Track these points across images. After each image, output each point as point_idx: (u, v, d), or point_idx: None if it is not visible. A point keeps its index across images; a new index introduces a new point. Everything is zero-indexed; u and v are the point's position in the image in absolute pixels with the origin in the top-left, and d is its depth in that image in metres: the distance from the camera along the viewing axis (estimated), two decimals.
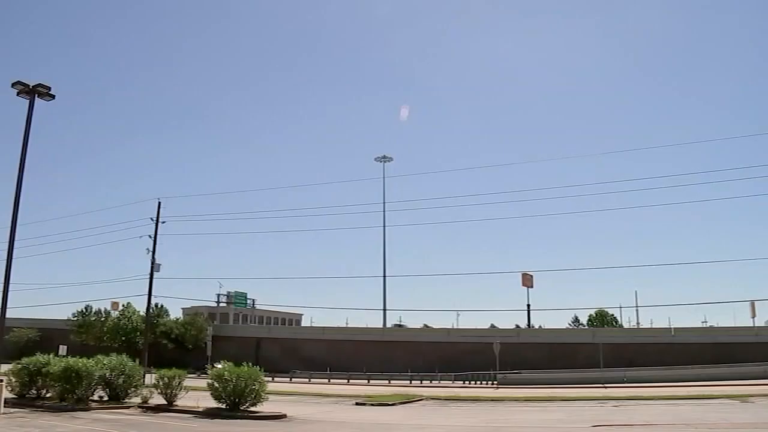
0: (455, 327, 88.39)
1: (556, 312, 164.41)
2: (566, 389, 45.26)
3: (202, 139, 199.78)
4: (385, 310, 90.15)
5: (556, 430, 23.25)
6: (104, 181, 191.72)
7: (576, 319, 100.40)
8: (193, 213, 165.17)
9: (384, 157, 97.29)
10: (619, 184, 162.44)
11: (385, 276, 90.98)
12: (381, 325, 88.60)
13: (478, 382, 59.50)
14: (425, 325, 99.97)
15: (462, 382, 60.10)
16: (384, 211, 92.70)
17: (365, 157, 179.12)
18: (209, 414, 25.95)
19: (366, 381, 63.64)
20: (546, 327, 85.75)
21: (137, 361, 32.08)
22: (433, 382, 61.22)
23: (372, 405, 34.14)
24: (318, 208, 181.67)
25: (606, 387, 46.95)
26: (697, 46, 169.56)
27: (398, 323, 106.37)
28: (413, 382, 61.21)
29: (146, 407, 28.13)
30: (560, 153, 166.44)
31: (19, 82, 27.68)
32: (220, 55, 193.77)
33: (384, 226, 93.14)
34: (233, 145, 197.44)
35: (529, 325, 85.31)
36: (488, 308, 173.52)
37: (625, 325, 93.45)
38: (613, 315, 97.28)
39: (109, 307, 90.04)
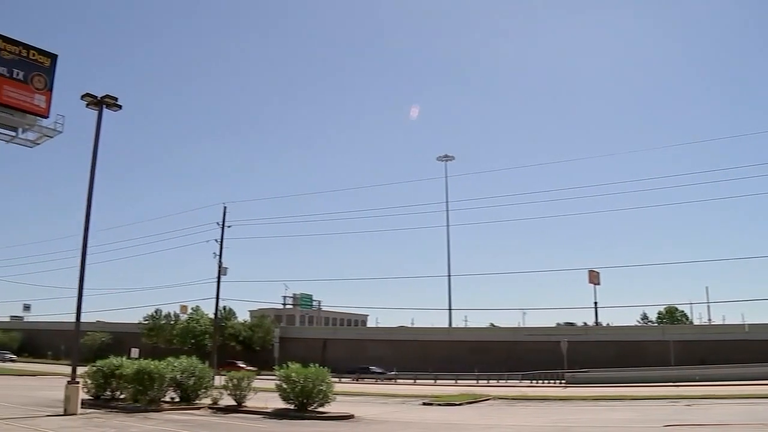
0: (522, 326, 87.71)
1: (625, 309, 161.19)
2: (636, 388, 44.38)
3: (265, 144, 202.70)
4: (450, 309, 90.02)
5: (627, 430, 22.80)
6: (171, 187, 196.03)
7: (645, 316, 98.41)
8: (258, 216, 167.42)
9: (446, 156, 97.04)
10: (688, 177, 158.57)
11: (449, 275, 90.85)
12: (446, 325, 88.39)
13: (546, 381, 58.90)
14: (491, 324, 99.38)
15: (529, 381, 59.51)
16: (447, 210, 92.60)
17: (427, 157, 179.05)
18: (278, 415, 26.20)
19: (432, 381, 63.58)
20: (614, 324, 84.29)
21: (206, 363, 32.59)
22: (500, 381, 60.79)
23: (439, 405, 34.05)
24: (381, 209, 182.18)
25: (677, 386, 45.91)
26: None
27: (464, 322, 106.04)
28: (480, 381, 60.88)
29: (216, 408, 28.53)
30: (624, 147, 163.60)
31: (87, 94, 28.42)
32: (279, 59, 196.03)
33: (447, 226, 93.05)
34: (296, 148, 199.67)
35: (596, 322, 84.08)
36: (555, 306, 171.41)
37: (696, 322, 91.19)
38: (683, 311, 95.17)
39: (178, 311, 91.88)
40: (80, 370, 27.64)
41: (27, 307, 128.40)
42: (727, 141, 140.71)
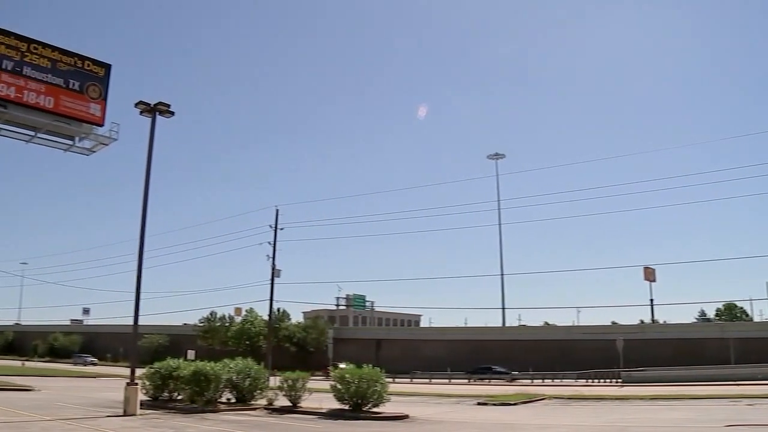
0: (576, 324, 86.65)
1: (682, 306, 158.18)
2: (694, 387, 43.52)
3: (316, 145, 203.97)
4: (504, 308, 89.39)
5: (687, 430, 22.39)
6: (224, 191, 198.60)
7: (702, 313, 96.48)
8: (310, 218, 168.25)
9: (496, 154, 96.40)
10: (746, 170, 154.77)
11: (502, 274, 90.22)
12: (500, 324, 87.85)
13: (601, 381, 58.15)
14: (545, 323, 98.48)
15: (584, 380, 58.89)
16: (499, 209, 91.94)
17: (477, 155, 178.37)
18: (332, 415, 26.33)
19: (487, 380, 63.27)
20: (671, 322, 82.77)
21: (261, 364, 32.92)
22: (555, 380, 60.23)
23: (494, 405, 33.89)
24: (433, 208, 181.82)
25: (738, 385, 44.85)
26: None
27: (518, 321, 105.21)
28: (534, 380, 60.37)
29: (272, 409, 28.80)
30: (680, 142, 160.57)
31: (141, 102, 29.01)
32: (325, 61, 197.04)
33: (500, 224, 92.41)
34: (346, 149, 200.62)
35: (653, 320, 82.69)
36: (610, 304, 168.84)
37: (756, 319, 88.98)
38: (742, 308, 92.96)
39: (232, 313, 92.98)
40: (138, 371, 28.14)
41: (86, 311, 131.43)
42: None
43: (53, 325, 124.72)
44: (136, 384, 26.67)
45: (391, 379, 32.67)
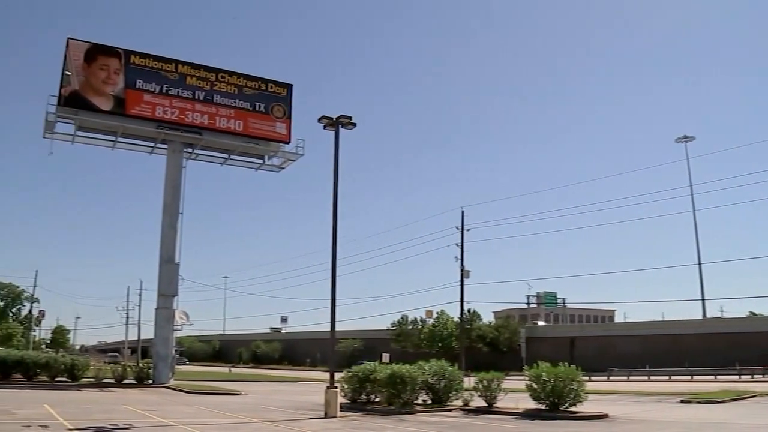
0: None
1: None
2: None
3: (497, 144, 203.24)
4: (703, 299, 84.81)
5: None
6: (410, 195, 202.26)
7: None
8: (496, 217, 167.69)
9: (685, 137, 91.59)
10: None
11: (700, 263, 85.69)
12: (700, 317, 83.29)
13: None
14: (751, 313, 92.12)
15: None
16: (692, 194, 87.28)
17: (663, 140, 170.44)
18: (529, 415, 26.01)
19: (689, 377, 60.21)
20: None
21: (455, 365, 33.10)
22: (765, 376, 56.20)
23: (698, 403, 32.12)
24: (619, 199, 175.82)
25: None
26: None
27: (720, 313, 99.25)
28: (742, 376, 56.66)
29: (467, 409, 28.85)
30: None
31: (324, 117, 30.01)
32: (504, 58, 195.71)
33: (693, 210, 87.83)
34: (524, 146, 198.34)
35: None
36: None
37: None
38: None
39: (423, 316, 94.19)
40: (336, 375, 29.10)
41: (284, 319, 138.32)
42: None
43: (254, 334, 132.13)
44: (336, 387, 27.59)
45: (586, 378, 31.87)
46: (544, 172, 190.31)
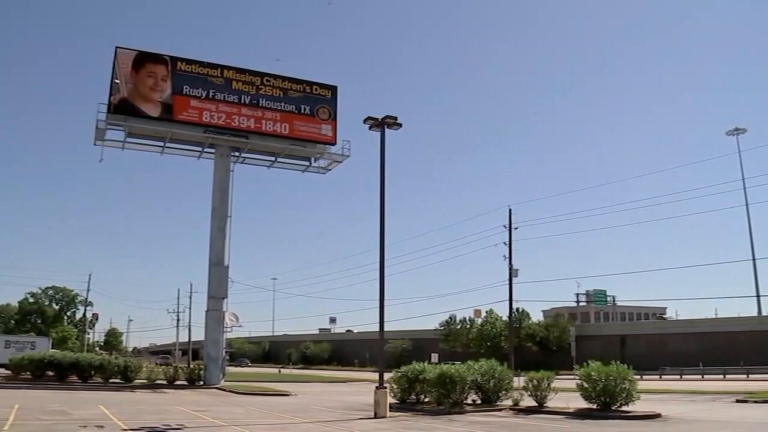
0: None
1: None
2: None
3: (544, 141, 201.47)
4: (758, 296, 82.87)
5: None
6: (456, 193, 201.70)
7: None
8: (541, 216, 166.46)
9: (736, 129, 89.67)
10: None
11: (754, 258, 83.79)
12: (755, 313, 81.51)
13: None
14: None
15: None
16: (744, 188, 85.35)
17: (714, 133, 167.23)
18: (580, 415, 25.76)
19: (744, 376, 58.94)
20: None
21: (504, 365, 32.91)
22: None
23: (755, 402, 31.44)
24: (671, 194, 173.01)
25: None
26: None
27: None
28: None
29: (517, 409, 28.65)
30: None
31: (369, 118, 30.05)
32: (542, 59, 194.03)
33: (746, 204, 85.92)
34: (574, 142, 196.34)
35: None
36: None
37: None
38: None
39: (471, 315, 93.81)
40: (385, 375, 29.13)
41: (333, 320, 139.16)
42: None
43: (303, 335, 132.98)
44: (385, 388, 27.63)
45: (638, 377, 31.42)
46: (591, 170, 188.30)
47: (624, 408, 25.67)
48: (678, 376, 62.63)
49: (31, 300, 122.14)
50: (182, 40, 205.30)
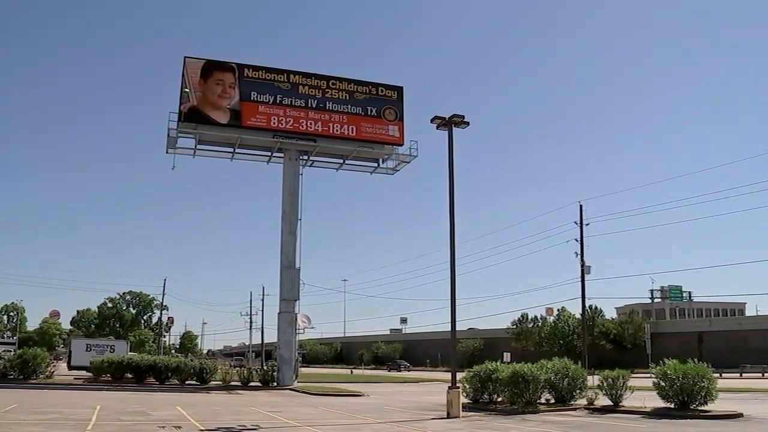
0: None
1: None
2: None
3: (613, 137, 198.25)
4: None
5: None
6: (526, 191, 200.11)
7: None
8: (613, 211, 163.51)
9: None
10: None
11: None
12: None
13: None
14: None
15: None
16: None
17: None
18: (657, 414, 25.27)
19: None
20: None
21: (578, 363, 32.49)
22: None
23: None
24: (743, 186, 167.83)
25: None
26: None
27: None
28: None
29: (592, 408, 28.26)
30: None
31: (436, 117, 30.03)
32: (611, 55, 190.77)
33: None
34: (637, 140, 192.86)
35: None
36: None
37: None
38: None
39: (543, 313, 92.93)
40: (457, 375, 29.05)
41: (404, 320, 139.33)
42: None
43: (375, 335, 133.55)
44: (458, 387, 27.61)
45: (717, 375, 30.64)
46: (662, 163, 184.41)
47: (703, 407, 25.08)
48: (759, 374, 60.85)
49: (110, 305, 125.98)
50: (247, 48, 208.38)
